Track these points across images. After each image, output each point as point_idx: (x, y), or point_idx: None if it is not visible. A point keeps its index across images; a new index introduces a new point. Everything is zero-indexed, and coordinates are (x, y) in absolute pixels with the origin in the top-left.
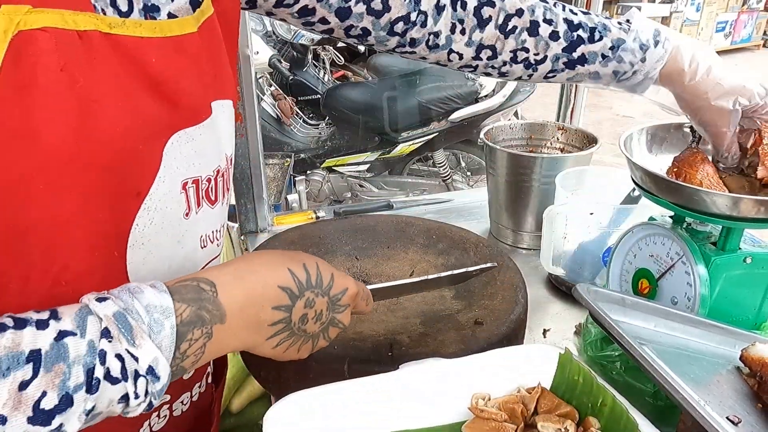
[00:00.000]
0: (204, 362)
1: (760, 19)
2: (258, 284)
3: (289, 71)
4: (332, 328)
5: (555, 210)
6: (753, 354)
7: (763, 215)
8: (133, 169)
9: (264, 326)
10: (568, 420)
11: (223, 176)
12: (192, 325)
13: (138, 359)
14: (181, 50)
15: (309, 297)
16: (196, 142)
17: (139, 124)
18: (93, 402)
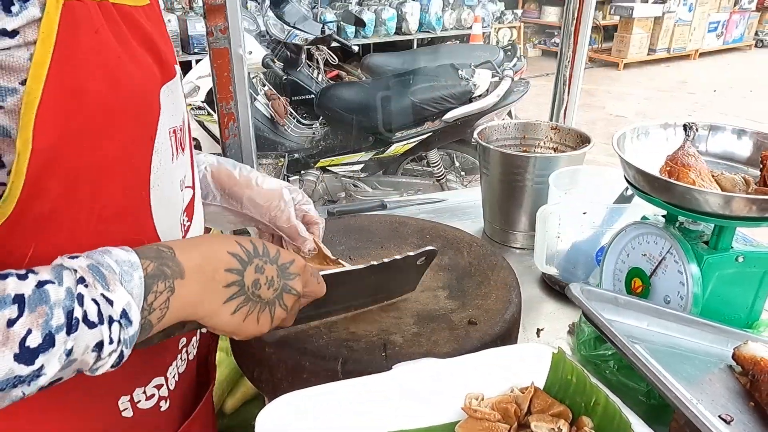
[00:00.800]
0: (169, 321)
1: (752, 19)
2: (210, 250)
3: (282, 71)
4: (286, 295)
5: (548, 209)
6: (745, 352)
7: (755, 214)
8: (147, 115)
9: (219, 287)
10: (562, 419)
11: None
12: (156, 278)
13: (113, 303)
14: (149, 17)
15: (258, 263)
16: (174, 95)
17: (146, 76)
18: (72, 343)
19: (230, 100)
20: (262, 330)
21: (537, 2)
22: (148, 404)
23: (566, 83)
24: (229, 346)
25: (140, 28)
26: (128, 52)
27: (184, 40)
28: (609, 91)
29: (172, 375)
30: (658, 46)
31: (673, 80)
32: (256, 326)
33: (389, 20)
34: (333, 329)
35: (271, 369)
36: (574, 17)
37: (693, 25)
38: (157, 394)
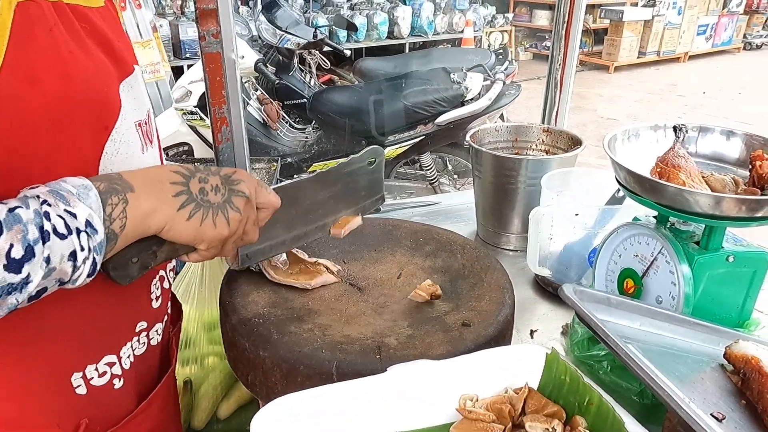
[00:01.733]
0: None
1: (740, 22)
2: (153, 171)
3: (275, 75)
4: (235, 198)
5: (541, 211)
6: (736, 351)
7: (745, 214)
8: (102, 107)
9: (169, 197)
10: (556, 419)
11: (150, 119)
12: (109, 194)
13: (76, 216)
14: (105, 18)
15: (200, 176)
16: (134, 90)
17: (101, 71)
18: (48, 251)
19: (223, 105)
20: (221, 233)
21: (528, 6)
22: (101, 381)
23: (557, 86)
24: (222, 351)
25: (95, 28)
26: (82, 49)
27: (176, 45)
28: (600, 94)
29: (127, 355)
30: (648, 49)
31: (663, 83)
32: (214, 230)
33: (381, 24)
34: (327, 332)
35: (265, 373)
36: (565, 21)
37: (682, 28)
38: (110, 372)
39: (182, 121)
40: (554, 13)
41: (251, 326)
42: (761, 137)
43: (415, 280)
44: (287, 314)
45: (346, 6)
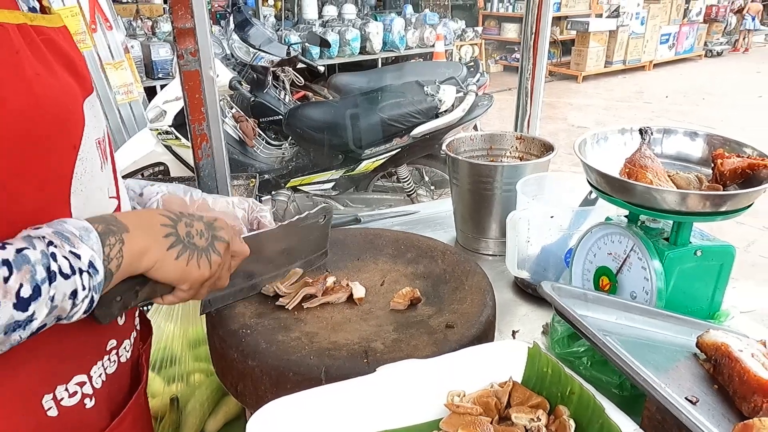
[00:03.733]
0: (128, 268)
1: (701, 30)
2: (144, 214)
3: (250, 93)
4: (217, 243)
5: (517, 215)
6: (708, 340)
7: (709, 209)
8: (69, 126)
9: (160, 237)
10: (540, 410)
11: (108, 138)
12: (107, 235)
13: (80, 257)
14: (65, 38)
15: (186, 221)
16: (94, 109)
17: (65, 89)
18: (54, 291)
19: (202, 122)
20: (203, 275)
21: (496, 20)
22: (72, 401)
23: (528, 95)
24: (209, 368)
25: (58, 48)
26: (48, 69)
27: (148, 66)
28: (570, 102)
29: (98, 374)
30: (614, 59)
31: (630, 90)
32: (198, 271)
33: (353, 41)
34: (314, 340)
35: (254, 382)
36: (533, 33)
37: (646, 38)
38: (80, 392)
39: (157, 141)
40: (522, 26)
41: (239, 337)
42: (721, 137)
43: (398, 287)
44: (274, 324)
45: (318, 23)
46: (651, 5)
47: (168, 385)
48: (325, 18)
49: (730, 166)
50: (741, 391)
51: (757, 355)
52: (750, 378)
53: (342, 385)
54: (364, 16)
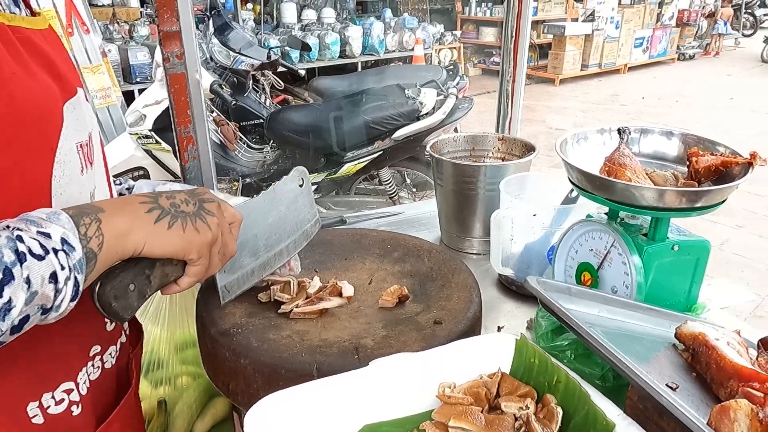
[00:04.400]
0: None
1: (673, 34)
2: (119, 198)
3: (231, 97)
4: (207, 204)
5: (501, 214)
6: (686, 330)
7: (685, 205)
8: (47, 128)
9: (142, 213)
10: (528, 398)
11: (91, 141)
12: (80, 216)
13: (50, 235)
14: (48, 40)
15: (166, 194)
16: (77, 112)
17: (44, 91)
18: (27, 272)
19: (188, 124)
20: (207, 237)
21: (474, 24)
22: (59, 409)
23: (509, 97)
24: (196, 371)
25: (38, 49)
26: (25, 70)
27: (125, 70)
28: (548, 105)
29: (83, 381)
30: (590, 62)
31: (606, 93)
32: (198, 236)
33: (333, 44)
34: (305, 338)
35: (246, 380)
36: (513, 36)
37: (621, 42)
38: (67, 399)
39: (137, 145)
40: (501, 30)
41: (230, 336)
42: (695, 136)
43: (385, 285)
44: (264, 323)
45: (297, 27)
46: (625, 10)
47: (155, 388)
48: (305, 22)
49: (705, 164)
50: (718, 378)
51: (732, 343)
52: (726, 364)
53: (336, 378)
54: (344, 20)
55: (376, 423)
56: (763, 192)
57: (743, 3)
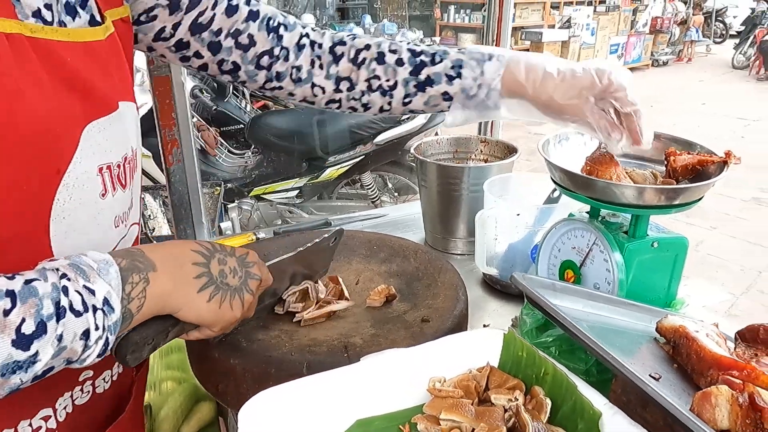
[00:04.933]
0: (148, 311)
1: (647, 41)
2: (175, 248)
3: (211, 102)
4: (251, 281)
5: (486, 213)
6: (666, 324)
7: (664, 202)
8: (53, 149)
9: (190, 279)
10: (517, 390)
11: (130, 163)
12: (130, 271)
13: (94, 292)
14: (90, 54)
15: (219, 257)
16: (108, 132)
17: (56, 111)
18: (62, 329)
19: (173, 127)
20: (236, 316)
21: (453, 30)
22: None
23: None
24: (181, 375)
25: (62, 64)
26: (36, 86)
27: None
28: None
29: (63, 406)
30: None
31: None
32: (230, 312)
33: None
34: (294, 337)
35: (236, 380)
36: (494, 41)
37: (596, 48)
38: (45, 427)
39: None
40: (479, 36)
41: (219, 337)
42: (672, 136)
43: (372, 285)
44: (253, 324)
45: None
46: (600, 17)
47: None
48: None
49: (682, 162)
50: (698, 368)
51: (711, 335)
52: (706, 354)
53: (329, 374)
54: (324, 26)
55: (368, 417)
56: (735, 194)
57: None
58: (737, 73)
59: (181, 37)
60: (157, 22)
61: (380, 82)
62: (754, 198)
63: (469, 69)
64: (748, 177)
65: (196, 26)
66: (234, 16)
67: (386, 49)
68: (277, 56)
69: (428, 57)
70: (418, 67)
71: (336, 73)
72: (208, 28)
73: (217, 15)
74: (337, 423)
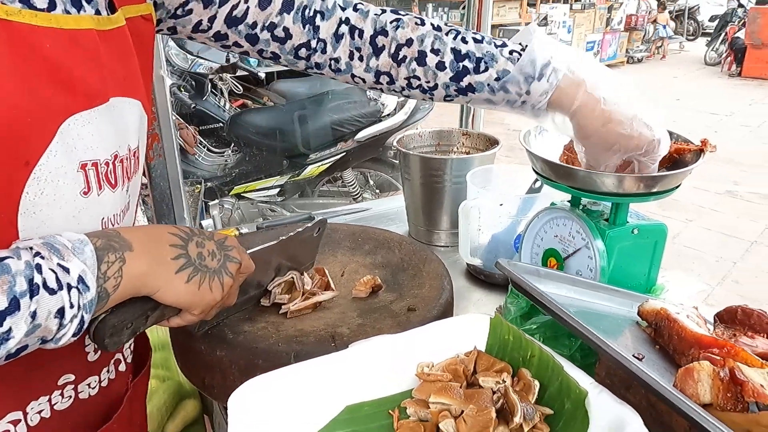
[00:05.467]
0: (125, 291)
1: (622, 38)
2: (152, 230)
3: (190, 99)
4: (230, 264)
5: (469, 204)
6: (648, 307)
7: (643, 190)
8: (22, 140)
9: (167, 259)
10: (504, 373)
11: (122, 162)
12: (106, 251)
13: (69, 270)
14: (76, 42)
15: (197, 240)
16: (93, 126)
17: (29, 100)
18: (35, 306)
19: (153, 121)
20: (215, 299)
21: None
22: None
23: None
24: (165, 374)
25: (37, 49)
26: (6, 73)
27: None
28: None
29: (35, 410)
30: None
31: None
32: (210, 294)
33: None
34: (280, 329)
35: (223, 372)
36: None
37: (573, 45)
38: (13, 431)
39: None
40: None
41: (203, 328)
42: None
43: (357, 276)
44: (239, 316)
45: None
46: (576, 14)
47: None
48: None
49: None
50: (680, 347)
51: (691, 316)
52: (687, 334)
53: (317, 361)
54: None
55: (357, 403)
56: (710, 188)
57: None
58: (710, 70)
59: (218, 30)
60: (193, 15)
61: (420, 83)
62: (728, 191)
63: (515, 85)
64: (721, 170)
65: (231, 19)
66: (268, 8)
67: (428, 48)
68: (315, 48)
69: (472, 63)
70: (460, 74)
71: (376, 67)
72: (243, 21)
73: (251, 8)
74: (326, 409)
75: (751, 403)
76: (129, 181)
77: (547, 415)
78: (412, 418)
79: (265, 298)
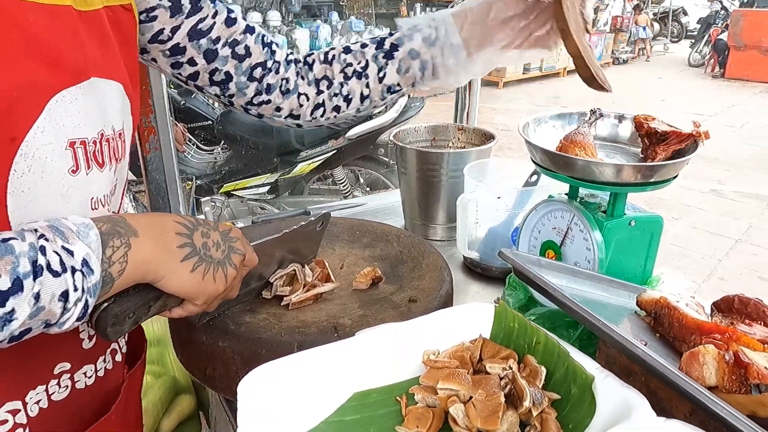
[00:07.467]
0: (130, 277)
1: (608, 39)
2: (158, 218)
3: (179, 96)
4: (233, 255)
5: (467, 197)
6: (646, 297)
7: (641, 180)
8: (9, 116)
9: (173, 247)
10: (510, 359)
11: (109, 142)
12: (111, 236)
13: (73, 253)
14: (57, 17)
15: (202, 230)
16: (80, 103)
17: (14, 75)
18: (39, 287)
19: (150, 114)
20: (219, 289)
21: None
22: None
23: (467, 88)
24: (160, 370)
25: (22, 25)
26: None
27: None
28: (493, 107)
29: (35, 400)
30: (531, 66)
31: (548, 95)
32: (213, 285)
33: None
34: (282, 320)
35: (225, 364)
36: None
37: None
38: (12, 421)
39: None
40: None
41: (204, 319)
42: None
43: (357, 269)
44: (240, 308)
45: None
46: None
47: None
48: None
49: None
50: (680, 335)
51: (690, 304)
52: (688, 321)
53: (324, 349)
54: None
55: (365, 390)
56: (695, 186)
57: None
58: (693, 71)
59: (178, 42)
60: (156, 23)
61: (353, 67)
62: (713, 190)
63: (424, 22)
64: (706, 170)
65: (195, 32)
66: (233, 27)
67: (351, 44)
68: (270, 68)
69: (386, 35)
70: (381, 42)
71: (314, 77)
72: (206, 35)
73: (217, 24)
74: (334, 396)
75: (753, 385)
76: (117, 162)
77: (554, 401)
78: (420, 405)
79: (266, 291)
